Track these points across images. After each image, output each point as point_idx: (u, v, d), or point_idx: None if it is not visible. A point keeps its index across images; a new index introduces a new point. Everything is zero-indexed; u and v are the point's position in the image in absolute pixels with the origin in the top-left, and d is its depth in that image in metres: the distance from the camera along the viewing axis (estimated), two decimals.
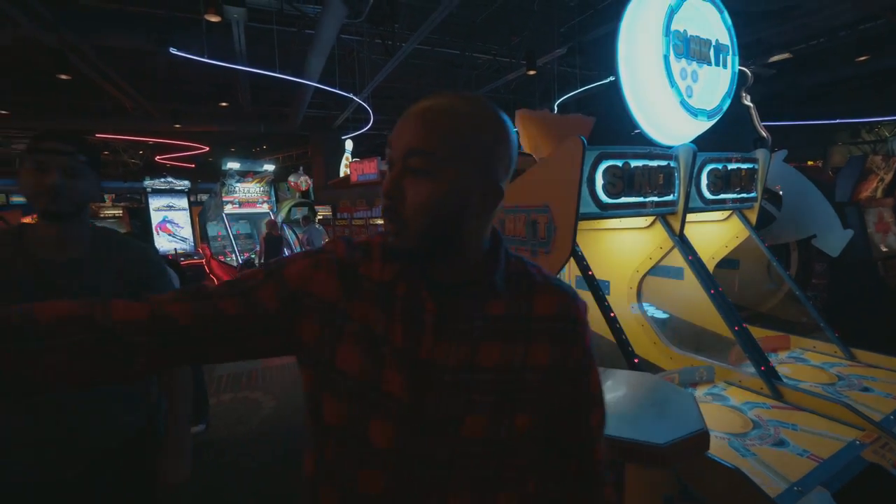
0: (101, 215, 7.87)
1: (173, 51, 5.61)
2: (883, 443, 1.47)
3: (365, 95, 9.18)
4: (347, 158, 13.53)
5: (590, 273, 1.84)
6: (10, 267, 0.98)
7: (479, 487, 0.60)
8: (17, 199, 15.87)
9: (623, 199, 1.89)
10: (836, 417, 1.64)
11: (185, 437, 1.20)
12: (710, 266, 2.76)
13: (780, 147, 3.15)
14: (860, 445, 1.47)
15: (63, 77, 6.02)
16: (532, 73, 7.18)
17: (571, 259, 1.87)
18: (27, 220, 9.18)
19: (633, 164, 1.90)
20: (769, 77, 10.59)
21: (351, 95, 8.54)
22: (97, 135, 13.13)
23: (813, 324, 2.46)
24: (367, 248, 0.65)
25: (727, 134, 2.73)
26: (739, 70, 2.71)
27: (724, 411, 1.74)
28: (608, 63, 1.98)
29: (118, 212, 7.82)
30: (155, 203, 7.17)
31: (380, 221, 10.68)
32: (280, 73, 6.85)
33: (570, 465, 0.70)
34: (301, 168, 10.22)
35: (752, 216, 2.58)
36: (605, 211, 1.87)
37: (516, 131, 3.45)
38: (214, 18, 4.76)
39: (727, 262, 3.17)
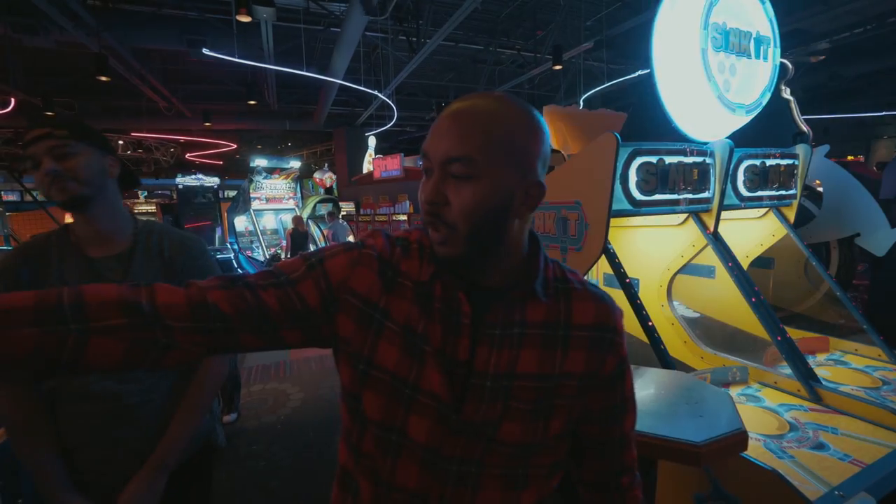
0: (135, 210, 8.15)
1: (206, 51, 5.75)
2: None
3: (389, 92, 9.23)
4: (371, 155, 13.67)
5: (622, 271, 1.83)
6: (61, 266, 0.96)
7: (508, 484, 0.62)
8: None
9: (657, 197, 1.86)
10: (880, 422, 1.59)
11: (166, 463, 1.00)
12: (745, 265, 2.69)
13: (820, 142, 3.03)
14: None
15: (103, 79, 6.24)
16: (558, 67, 7.08)
17: (603, 257, 1.86)
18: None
19: (668, 160, 1.87)
20: (809, 67, 10.16)
21: (375, 92, 8.61)
22: (132, 133, 13.65)
23: (854, 326, 2.37)
24: (407, 244, 0.66)
25: (766, 128, 2.65)
26: (780, 62, 2.63)
27: (759, 412, 1.71)
28: (637, 57, 1.95)
29: (151, 207, 8.10)
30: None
31: (402, 217, 10.76)
32: (307, 70, 6.95)
33: (602, 465, 0.70)
34: (326, 165, 10.36)
35: (791, 214, 2.50)
36: (639, 208, 1.84)
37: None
38: (245, 19, 4.88)
39: (761, 261, 3.08)
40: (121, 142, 15.37)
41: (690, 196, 1.99)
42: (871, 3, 6.77)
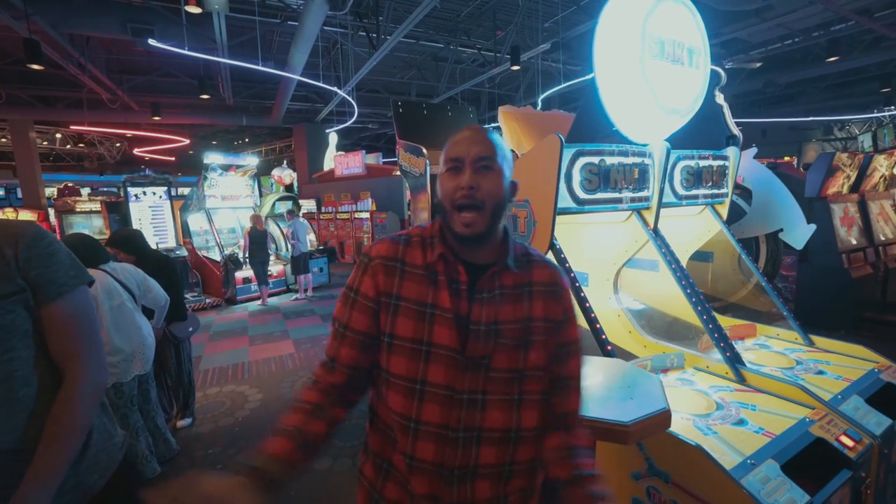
0: (78, 209, 7.66)
1: (152, 42, 5.48)
2: (829, 419, 1.60)
3: (349, 89, 9.11)
4: (332, 152, 13.45)
5: (567, 265, 1.93)
6: None
7: (508, 406, 0.83)
8: None
9: (599, 195, 1.98)
10: (790, 398, 1.77)
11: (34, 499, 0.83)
12: (685, 259, 2.89)
13: (755, 144, 3.29)
14: (809, 422, 1.60)
15: (35, 67, 5.82)
16: (516, 68, 7.24)
17: (550, 253, 1.96)
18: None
19: (609, 160, 1.99)
20: (747, 75, 10.88)
21: (335, 89, 8.48)
22: (72, 126, 12.77)
23: (778, 313, 2.61)
24: (409, 239, 0.90)
25: (701, 131, 2.85)
26: (712, 70, 2.83)
27: (691, 394, 1.86)
28: (592, 59, 2.05)
29: (96, 206, 7.63)
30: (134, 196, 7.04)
31: (364, 215, 10.61)
32: (263, 65, 6.75)
33: (558, 403, 0.88)
34: (285, 162, 10.10)
35: (723, 211, 2.71)
36: (583, 206, 1.95)
37: (497, 126, 3.52)
38: (195, 9, 4.69)
39: (702, 255, 3.31)
40: (59, 135, 14.34)
41: (632, 194, 2.12)
42: (798, 18, 7.34)
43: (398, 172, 11.67)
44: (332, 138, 13.73)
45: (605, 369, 1.46)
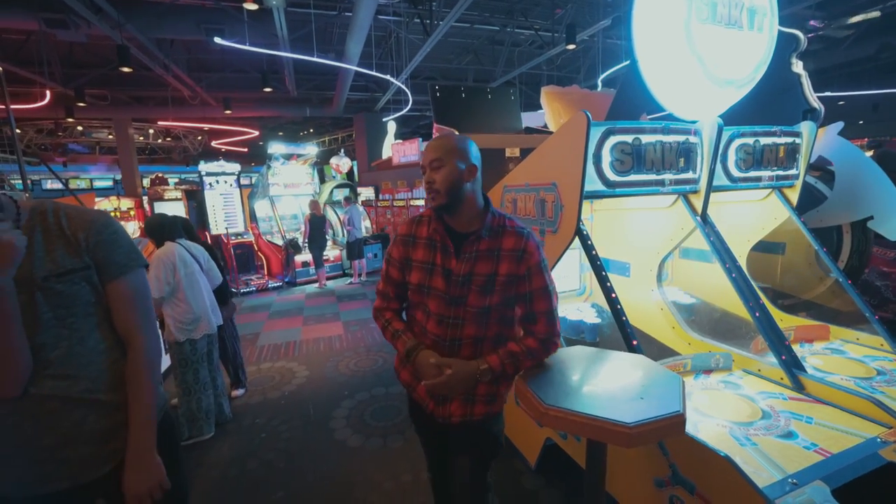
0: (165, 197, 8.49)
1: (218, 40, 5.86)
2: None
3: (404, 78, 9.18)
4: (391, 141, 13.69)
5: (594, 253, 1.80)
6: None
7: (478, 329, 1.27)
8: (102, 182, 17.51)
9: (633, 177, 1.81)
10: (860, 413, 1.53)
11: (147, 444, 1.03)
12: (746, 249, 2.59)
13: (864, 120, 2.83)
14: (881, 443, 1.36)
15: (126, 70, 6.47)
16: (571, 47, 6.86)
17: (577, 239, 1.83)
18: (102, 202, 10.12)
19: (646, 139, 1.81)
20: (857, 37, 9.45)
21: (389, 78, 8.57)
22: (159, 122, 14.12)
23: (860, 314, 2.26)
24: (420, 219, 1.35)
25: (772, 105, 2.51)
26: (790, 34, 2.47)
27: (733, 399, 1.67)
28: (628, 29, 1.87)
29: (178, 194, 8.40)
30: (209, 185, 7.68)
31: (419, 202, 10.77)
32: (320, 56, 6.99)
33: (528, 327, 1.31)
34: (342, 151, 10.46)
35: (793, 195, 2.38)
36: (614, 189, 1.80)
37: (542, 111, 3.35)
38: (252, 6, 4.93)
39: (771, 246, 2.95)
40: (151, 130, 15.96)
41: (674, 176, 1.92)
42: None
43: None
44: (391, 127, 13.95)
45: (621, 365, 1.34)
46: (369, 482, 2.34)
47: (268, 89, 7.94)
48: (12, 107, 7.48)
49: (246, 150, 17.44)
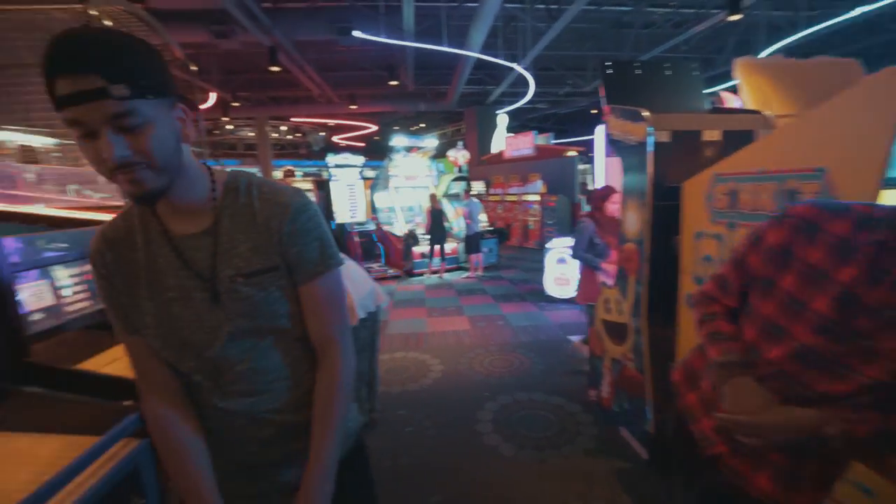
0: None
1: (356, 33, 6.11)
2: None
3: (525, 65, 8.86)
4: (502, 134, 13.49)
5: None
6: (148, 247, 0.79)
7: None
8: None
9: None
10: None
11: (324, 474, 0.83)
12: None
13: None
14: None
15: (274, 69, 7.09)
16: (735, 17, 5.94)
17: None
18: None
19: None
20: None
21: (513, 65, 8.33)
22: (292, 119, 15.55)
23: None
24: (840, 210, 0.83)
25: None
26: None
27: None
28: None
29: (307, 185, 9.11)
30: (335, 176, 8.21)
31: (534, 198, 10.37)
32: (451, 45, 7.02)
33: None
34: (460, 143, 10.48)
35: None
36: None
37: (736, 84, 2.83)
38: None
39: None
40: (283, 127, 17.73)
41: None
42: None
43: (571, 153, 11.02)
44: (502, 120, 13.75)
45: None
46: (532, 501, 2.13)
47: (393, 83, 8.15)
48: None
49: (363, 144, 18.57)
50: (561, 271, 5.60)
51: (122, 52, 0.59)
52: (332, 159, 8.48)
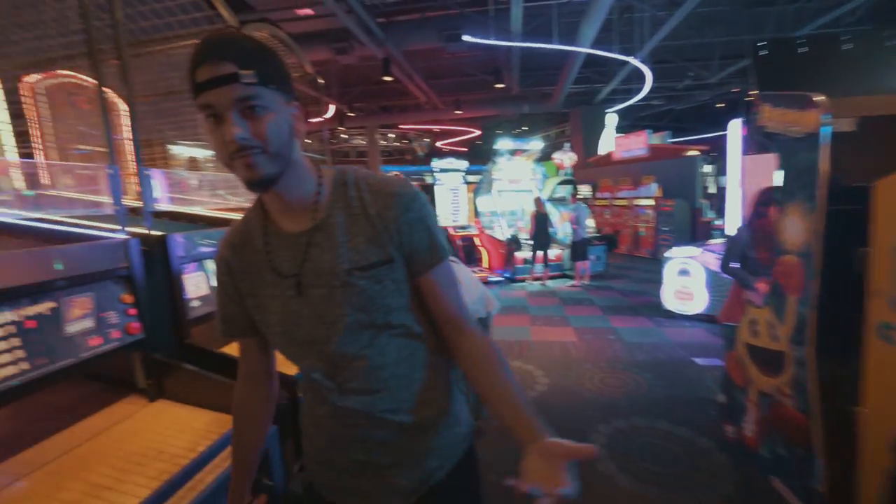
0: None
1: (466, 38, 6.18)
2: None
3: (642, 57, 8.19)
4: (610, 134, 12.67)
5: None
6: (267, 247, 0.81)
7: None
8: None
9: None
10: None
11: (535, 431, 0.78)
12: None
13: None
14: None
15: (387, 79, 7.49)
16: None
17: None
18: None
19: None
20: None
21: (629, 58, 7.76)
22: (400, 126, 16.40)
23: None
24: None
25: None
26: None
27: None
28: None
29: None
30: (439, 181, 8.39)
31: (647, 202, 9.57)
32: (562, 43, 6.78)
33: None
34: (566, 145, 10.06)
35: None
36: None
37: None
38: None
39: None
40: (391, 135, 18.79)
41: None
42: None
43: (692, 152, 9.94)
44: (610, 120, 12.94)
45: None
46: None
47: (500, 85, 8.11)
48: (312, 120, 9.59)
49: (466, 149, 18.89)
50: (683, 283, 5.01)
51: (252, 48, 0.67)
52: (436, 164, 8.69)
